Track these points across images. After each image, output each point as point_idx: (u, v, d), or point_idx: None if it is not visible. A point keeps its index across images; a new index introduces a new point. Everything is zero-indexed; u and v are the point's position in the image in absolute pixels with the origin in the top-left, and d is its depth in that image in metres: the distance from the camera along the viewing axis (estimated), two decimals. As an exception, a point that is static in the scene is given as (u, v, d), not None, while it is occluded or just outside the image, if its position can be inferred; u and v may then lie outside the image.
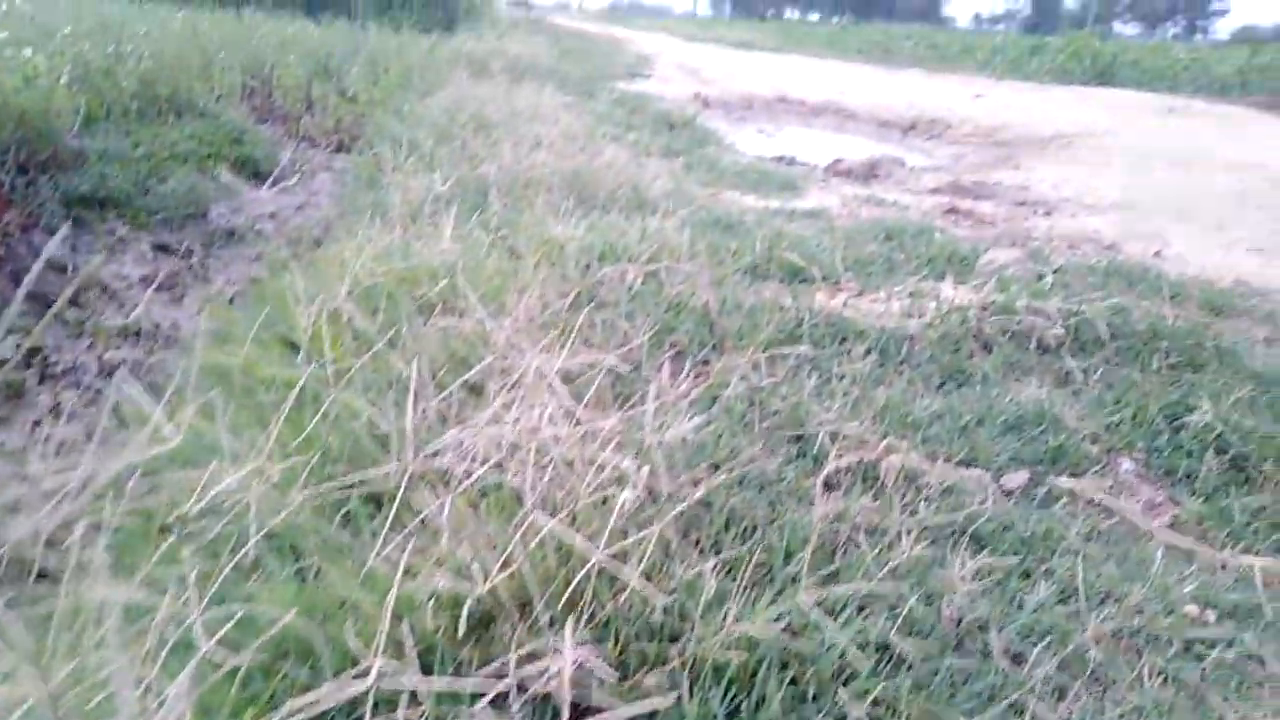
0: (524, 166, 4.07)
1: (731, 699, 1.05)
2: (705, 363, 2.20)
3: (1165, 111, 10.70)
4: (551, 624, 1.01)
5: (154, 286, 3.83)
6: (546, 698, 0.95)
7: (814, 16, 74.71)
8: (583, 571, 1.06)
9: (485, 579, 0.98)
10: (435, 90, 7.36)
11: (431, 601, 1.00)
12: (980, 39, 28.28)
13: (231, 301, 3.61)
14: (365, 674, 0.84)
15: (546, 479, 1.19)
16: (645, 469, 1.20)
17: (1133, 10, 78.20)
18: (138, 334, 3.29)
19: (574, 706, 0.99)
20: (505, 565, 1.04)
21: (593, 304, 2.35)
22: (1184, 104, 11.71)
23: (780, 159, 6.99)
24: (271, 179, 5.87)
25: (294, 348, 1.90)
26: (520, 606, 1.03)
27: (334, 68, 9.26)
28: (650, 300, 2.40)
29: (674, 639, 1.06)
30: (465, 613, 0.97)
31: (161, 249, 4.31)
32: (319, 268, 2.57)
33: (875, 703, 1.10)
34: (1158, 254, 4.20)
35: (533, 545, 1.05)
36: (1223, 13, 75.23)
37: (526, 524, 1.07)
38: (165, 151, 5.53)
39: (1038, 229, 4.51)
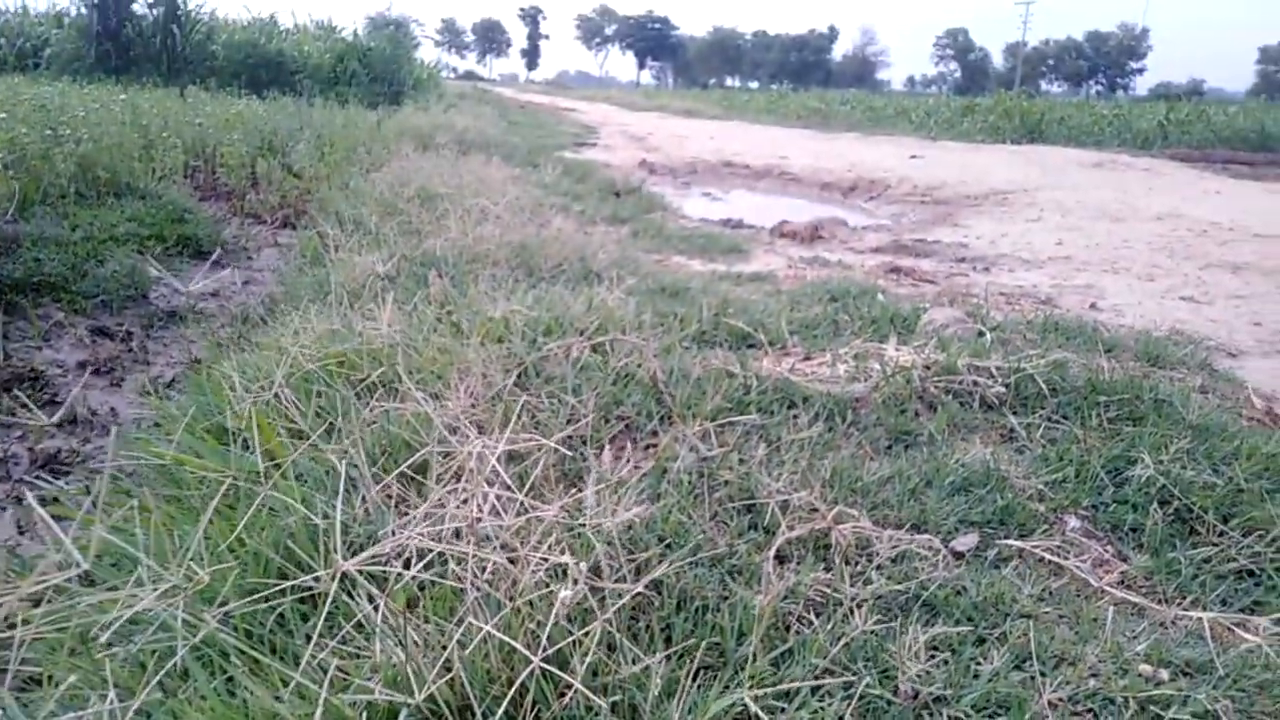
0: (470, 240, 4.07)
1: None
2: (654, 434, 2.19)
3: (1093, 166, 11.21)
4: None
5: (90, 372, 3.71)
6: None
7: (754, 84, 77.43)
8: (525, 673, 1.02)
9: (422, 687, 0.93)
10: (381, 164, 7.40)
11: (365, 714, 0.94)
12: (914, 102, 29.53)
13: (171, 384, 3.51)
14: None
15: (487, 574, 1.15)
16: (584, 564, 1.17)
17: (1056, 70, 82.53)
18: (73, 422, 3.17)
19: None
20: (444, 670, 0.99)
21: (539, 378, 2.33)
22: (1110, 158, 12.28)
23: (726, 222, 7.13)
24: (214, 258, 5.80)
25: (229, 438, 1.84)
26: (460, 713, 0.98)
27: (279, 144, 9.26)
28: (597, 373, 2.39)
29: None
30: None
31: (100, 333, 4.20)
32: (258, 351, 2.52)
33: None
34: (1093, 306, 4.34)
35: (472, 647, 1.01)
36: (1140, 70, 79.86)
37: (465, 625, 1.03)
38: (104, 234, 5.43)
39: (976, 285, 4.63)
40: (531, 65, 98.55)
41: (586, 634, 1.06)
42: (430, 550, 1.17)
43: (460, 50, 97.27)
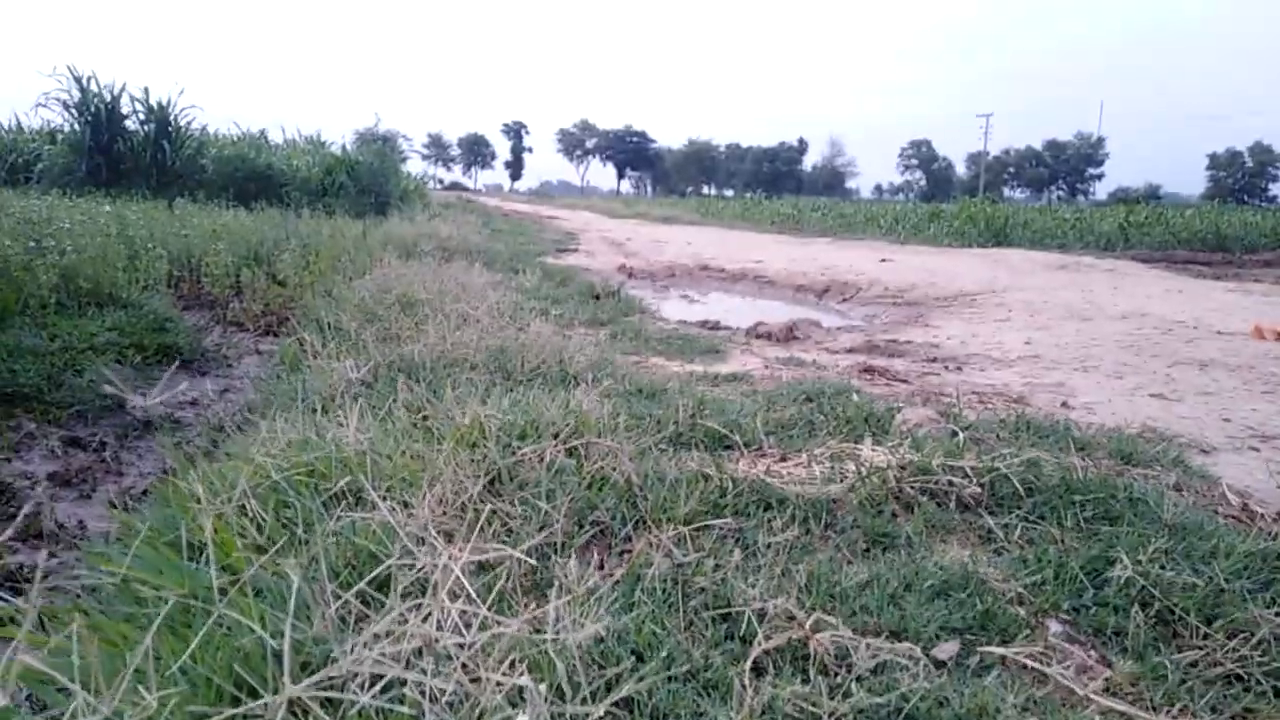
0: (448, 345, 4.10)
1: None
2: (628, 540, 2.15)
3: (1058, 268, 11.56)
4: None
5: (61, 484, 3.63)
6: None
7: (729, 193, 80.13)
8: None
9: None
10: (365, 272, 7.50)
11: None
12: (882, 208, 30.59)
13: (144, 495, 3.43)
14: None
15: (446, 696, 1.10)
16: (544, 686, 1.13)
17: (1018, 177, 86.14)
18: (39, 536, 3.08)
19: None
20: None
21: (512, 483, 2.30)
22: (1074, 260, 12.68)
23: (704, 324, 7.23)
24: (194, 366, 5.78)
25: (191, 552, 1.79)
26: None
27: (264, 254, 9.38)
28: (571, 478, 2.36)
29: None
30: None
31: (73, 443, 4.13)
32: (226, 462, 2.48)
33: None
34: (1065, 404, 4.39)
35: None
36: (1099, 176, 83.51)
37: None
38: (83, 343, 5.43)
39: (949, 384, 4.68)
40: (515, 176, 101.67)
41: None
42: (387, 671, 1.12)
43: (446, 163, 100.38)
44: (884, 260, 13.07)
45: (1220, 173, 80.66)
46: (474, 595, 1.31)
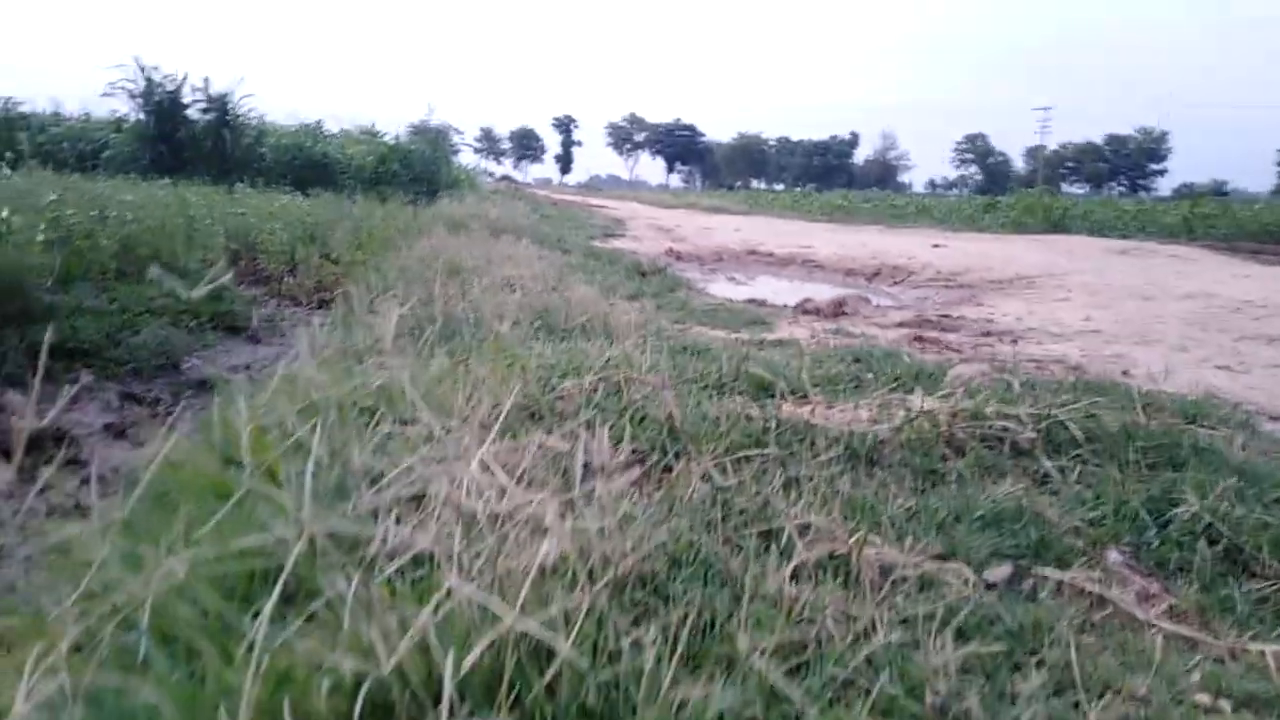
0: (493, 303, 4.10)
1: None
2: (667, 470, 2.11)
3: (1120, 253, 11.19)
4: (470, 714, 0.87)
5: (116, 435, 3.73)
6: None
7: (779, 187, 79.34)
8: (493, 633, 0.93)
9: (390, 656, 0.86)
10: (414, 245, 7.56)
11: (325, 682, 0.86)
12: (936, 201, 29.98)
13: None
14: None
15: (464, 540, 1.08)
16: (569, 521, 1.10)
17: (1077, 172, 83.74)
18: (95, 480, 3.16)
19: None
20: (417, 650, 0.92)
21: (552, 415, 2.28)
22: (1135, 246, 12.27)
23: (751, 301, 7.14)
24: (248, 335, 5.90)
25: (231, 463, 1.80)
26: (430, 690, 0.89)
27: (319, 234, 9.54)
28: (611, 410, 2.33)
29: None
30: (363, 693, 0.84)
31: (129, 398, 4.24)
32: (271, 392, 2.50)
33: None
34: (1125, 373, 4.22)
35: (444, 611, 0.93)
36: (1162, 172, 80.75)
37: (440, 591, 0.95)
38: (141, 307, 5.58)
39: (1004, 355, 4.54)
40: (565, 170, 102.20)
41: (575, 606, 0.98)
42: (408, 517, 1.11)
43: (497, 156, 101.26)
44: (937, 246, 12.80)
45: (1293, 167, 77.31)
46: (503, 474, 1.28)
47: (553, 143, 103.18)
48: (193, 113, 17.29)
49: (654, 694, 0.92)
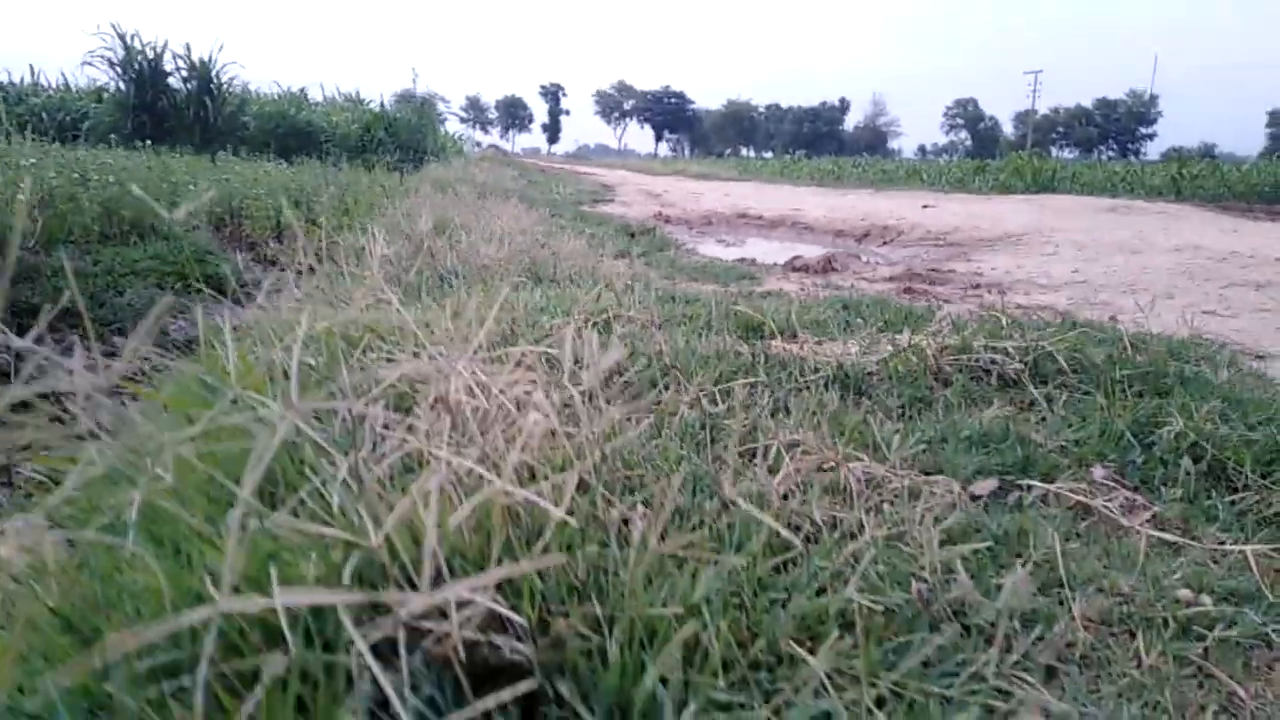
0: (481, 256, 4.08)
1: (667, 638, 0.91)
2: (657, 402, 2.11)
3: (1107, 210, 11.18)
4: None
5: (102, 394, 3.71)
6: (447, 663, 0.81)
7: (768, 154, 78.73)
8: (480, 495, 0.94)
9: (377, 529, 0.86)
10: (400, 204, 7.50)
11: (313, 556, 0.87)
12: (926, 166, 29.87)
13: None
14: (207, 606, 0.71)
15: (452, 431, 1.08)
16: (556, 393, 1.10)
17: (1067, 137, 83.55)
18: (80, 438, 3.15)
19: (483, 667, 0.85)
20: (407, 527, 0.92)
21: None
22: (1124, 204, 12.27)
23: (740, 260, 7.12)
24: (233, 297, 5.85)
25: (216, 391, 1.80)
26: (419, 564, 0.90)
27: (304, 200, 9.45)
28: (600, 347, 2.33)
29: (601, 597, 0.93)
30: (350, 565, 0.84)
31: (115, 357, 4.21)
32: (256, 331, 2.49)
33: (839, 673, 0.96)
34: (1112, 319, 4.24)
35: (433, 484, 0.93)
36: (1151, 136, 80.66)
37: (429, 468, 0.96)
38: (125, 269, 5.53)
39: (992, 303, 4.55)
40: (553, 139, 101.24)
41: (563, 477, 0.98)
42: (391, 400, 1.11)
43: (484, 126, 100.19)
44: (926, 206, 12.77)
45: (1281, 130, 77.38)
46: (490, 377, 1.27)
47: (540, 112, 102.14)
48: (174, 81, 17.01)
49: (642, 573, 0.93)
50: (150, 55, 16.87)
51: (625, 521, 1.06)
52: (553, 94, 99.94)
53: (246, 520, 0.87)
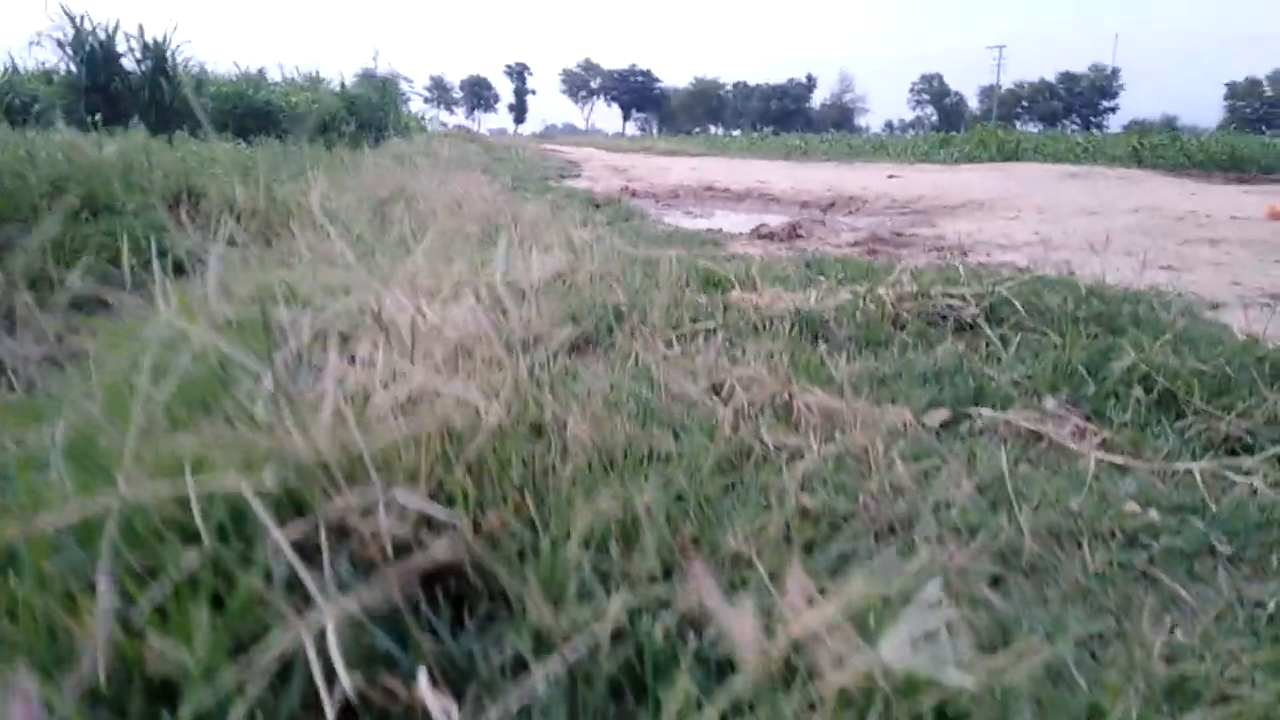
0: (440, 219, 4.02)
1: (603, 548, 0.90)
2: (613, 347, 2.09)
3: (1069, 176, 11.31)
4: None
5: (53, 364, 3.62)
6: (373, 566, 0.79)
7: (736, 132, 78.60)
8: (407, 386, 0.91)
9: (306, 440, 0.83)
10: (360, 178, 7.38)
11: (239, 465, 0.84)
12: (892, 140, 29.99)
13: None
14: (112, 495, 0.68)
15: (385, 336, 1.05)
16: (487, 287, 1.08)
17: (1031, 111, 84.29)
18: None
19: (415, 569, 0.83)
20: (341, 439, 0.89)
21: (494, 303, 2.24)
22: (1086, 170, 12.41)
23: (707, 230, 7.10)
24: (189, 275, 5.72)
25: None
26: (349, 473, 0.88)
27: (263, 178, 9.26)
28: (557, 299, 2.30)
29: (539, 503, 0.91)
30: (272, 470, 0.81)
31: (67, 329, 4.10)
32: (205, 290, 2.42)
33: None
34: (1070, 272, 4.28)
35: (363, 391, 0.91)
36: (1114, 109, 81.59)
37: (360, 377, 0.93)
38: (77, 245, 5.39)
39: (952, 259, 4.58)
40: (519, 120, 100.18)
41: (500, 379, 0.96)
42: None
43: (449, 106, 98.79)
44: (892, 176, 12.83)
45: (1239, 102, 78.64)
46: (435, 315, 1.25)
47: (506, 92, 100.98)
48: (128, 63, 16.53)
49: (577, 471, 0.91)
50: (102, 36, 16.38)
51: (564, 426, 1.04)
52: (518, 73, 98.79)
53: (152, 410, 0.84)
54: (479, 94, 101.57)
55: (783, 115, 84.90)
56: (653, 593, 0.83)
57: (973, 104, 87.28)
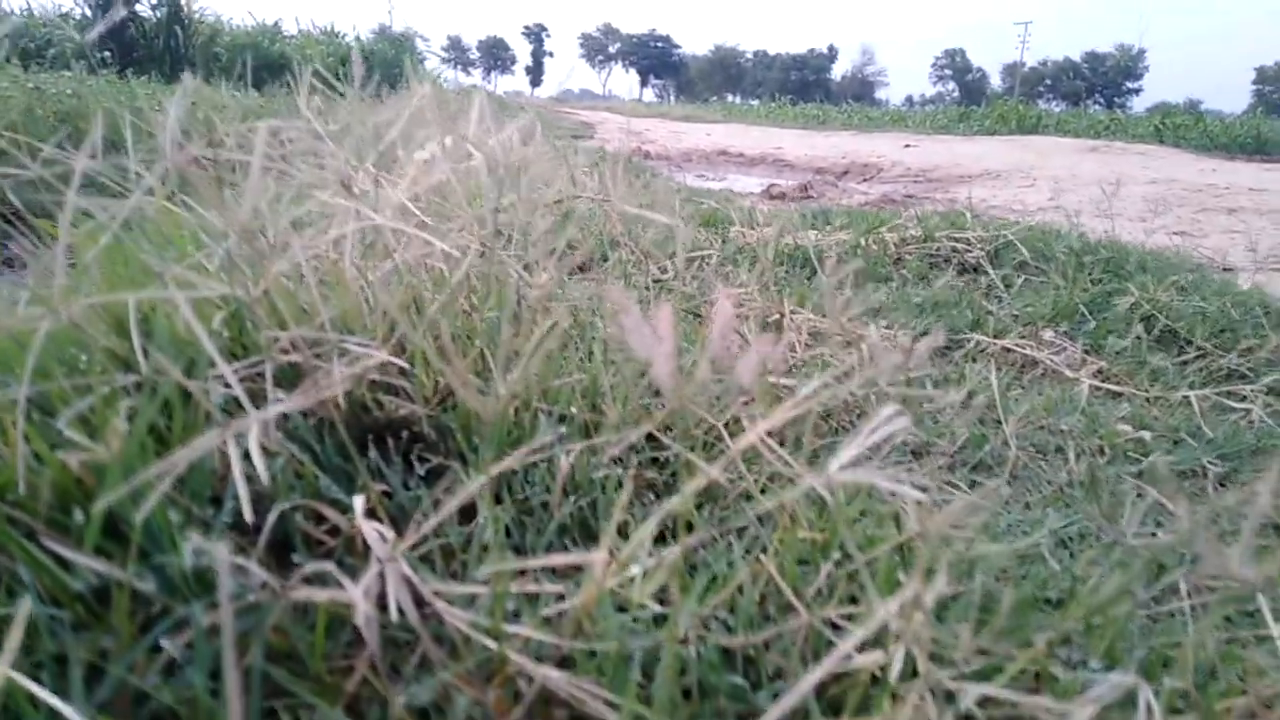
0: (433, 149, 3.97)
1: (565, 418, 0.88)
2: (606, 273, 2.06)
3: (1088, 150, 11.12)
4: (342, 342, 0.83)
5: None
6: (333, 427, 0.77)
7: (754, 102, 77.66)
8: (355, 222, 0.89)
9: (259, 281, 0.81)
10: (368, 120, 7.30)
11: (187, 305, 0.81)
12: (911, 113, 29.57)
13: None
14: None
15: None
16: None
17: (1054, 90, 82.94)
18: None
19: (371, 425, 0.80)
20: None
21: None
22: (1106, 145, 12.21)
23: (719, 190, 7.04)
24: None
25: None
26: (305, 321, 0.85)
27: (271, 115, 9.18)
28: (554, 232, 2.26)
29: (505, 370, 0.89)
30: (224, 315, 0.79)
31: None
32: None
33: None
34: (1082, 236, 4.21)
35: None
36: (1137, 91, 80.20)
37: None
38: (84, 181, 5.35)
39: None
40: (536, 82, 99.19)
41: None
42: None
43: (465, 67, 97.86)
44: (908, 146, 12.66)
45: (1266, 87, 77.17)
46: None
47: (523, 54, 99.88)
48: (142, 9, 16.42)
49: (545, 349, 0.88)
50: (116, -22, 16.24)
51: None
52: (536, 35, 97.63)
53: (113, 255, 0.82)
54: (496, 55, 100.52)
55: (802, 86, 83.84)
56: (611, 449, 0.81)
57: (995, 81, 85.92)
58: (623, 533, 0.75)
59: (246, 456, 0.60)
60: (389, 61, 19.43)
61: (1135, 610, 0.69)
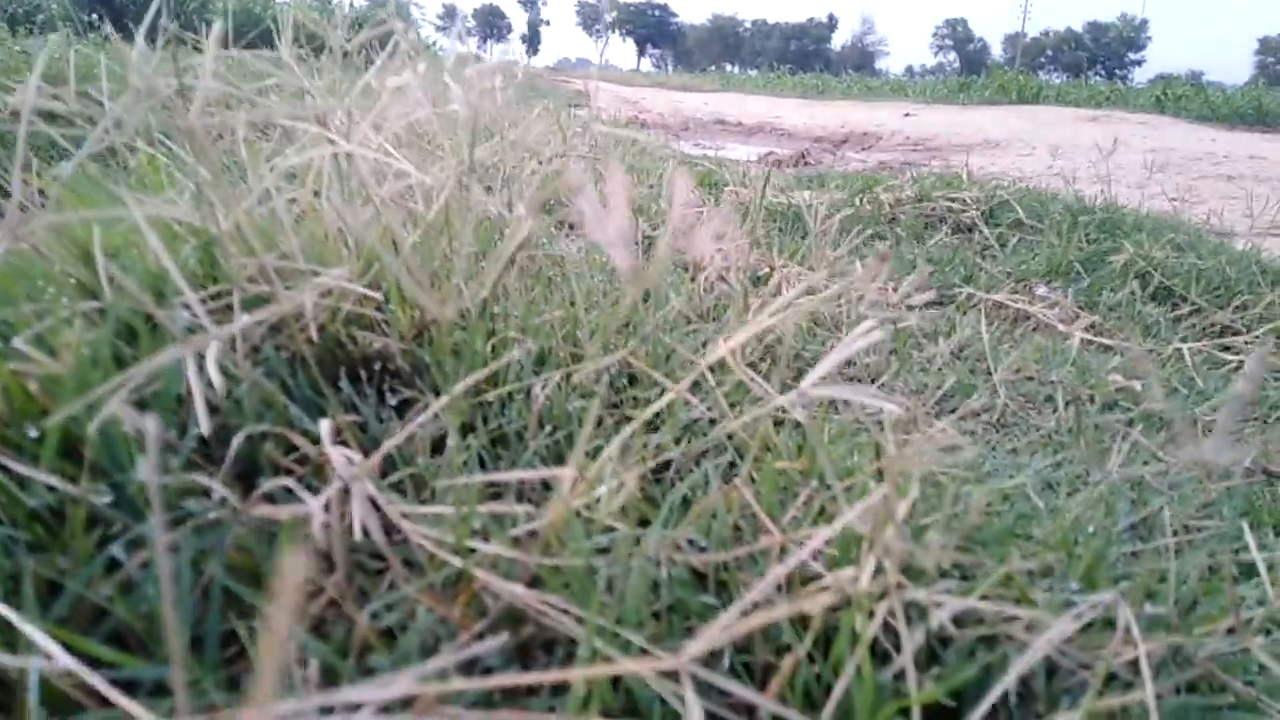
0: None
1: (544, 358, 0.87)
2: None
3: (1088, 120, 11.05)
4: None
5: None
6: (305, 362, 0.75)
7: (753, 72, 76.84)
8: (316, 152, 0.87)
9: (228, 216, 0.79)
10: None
11: (156, 239, 0.79)
12: (911, 83, 29.30)
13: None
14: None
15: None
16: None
17: (1055, 61, 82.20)
18: None
19: (346, 360, 0.79)
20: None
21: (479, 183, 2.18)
22: (1106, 114, 12.12)
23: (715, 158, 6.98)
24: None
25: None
26: (278, 252, 0.84)
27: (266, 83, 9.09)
28: (544, 185, 2.23)
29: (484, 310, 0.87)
30: (194, 247, 0.77)
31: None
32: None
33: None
34: (1077, 194, 4.18)
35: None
36: (1140, 62, 79.53)
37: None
38: (69, 141, 5.30)
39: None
40: (532, 51, 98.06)
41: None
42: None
43: (460, 36, 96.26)
44: (907, 115, 12.55)
45: (1269, 58, 76.51)
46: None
47: (519, 22, 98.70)
48: (129, -29, 16.18)
49: (525, 283, 0.87)
50: (103, -60, 15.97)
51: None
52: (532, 2, 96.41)
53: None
54: (491, 23, 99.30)
55: (802, 56, 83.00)
56: (582, 375, 0.80)
57: (996, 51, 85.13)
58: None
59: (210, 383, 0.59)
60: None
61: (1116, 537, 0.68)
